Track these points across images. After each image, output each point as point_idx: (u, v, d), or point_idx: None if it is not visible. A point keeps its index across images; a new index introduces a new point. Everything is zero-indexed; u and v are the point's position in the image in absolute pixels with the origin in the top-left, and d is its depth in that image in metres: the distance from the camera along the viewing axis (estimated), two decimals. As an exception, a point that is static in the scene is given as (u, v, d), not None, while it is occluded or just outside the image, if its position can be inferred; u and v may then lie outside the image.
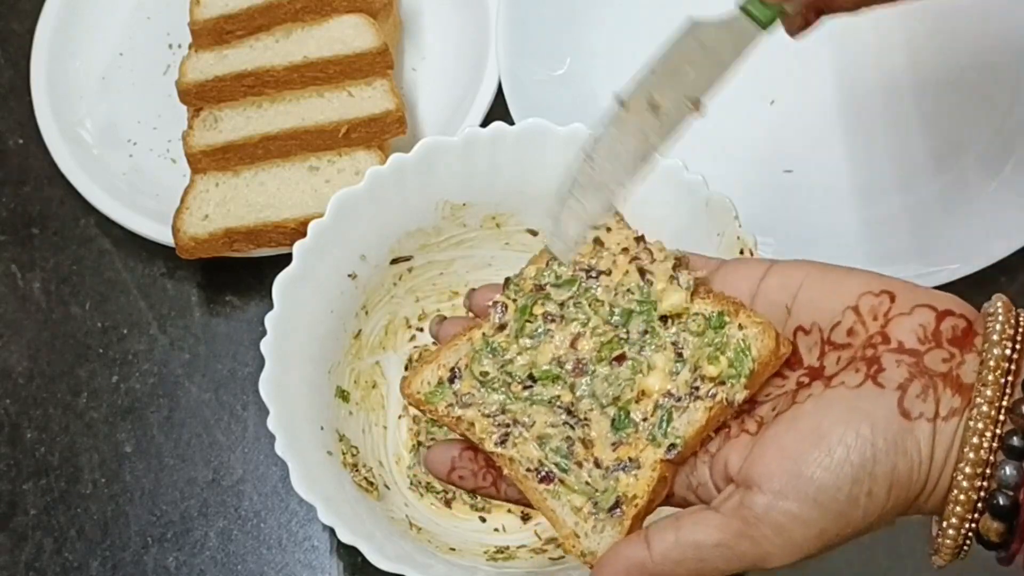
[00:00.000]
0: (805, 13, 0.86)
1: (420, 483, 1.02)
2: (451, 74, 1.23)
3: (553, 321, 0.79)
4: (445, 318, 0.88)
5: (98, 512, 1.07)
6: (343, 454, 0.97)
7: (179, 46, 1.27)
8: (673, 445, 0.73)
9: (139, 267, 1.17)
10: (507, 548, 0.98)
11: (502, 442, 0.77)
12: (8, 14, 1.31)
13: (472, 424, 0.78)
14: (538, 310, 0.79)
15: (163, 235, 1.13)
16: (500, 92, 1.16)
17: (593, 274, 0.79)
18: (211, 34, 1.18)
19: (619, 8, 1.22)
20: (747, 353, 0.73)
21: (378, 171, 0.99)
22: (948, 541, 0.70)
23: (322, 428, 0.97)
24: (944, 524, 0.69)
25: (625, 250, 0.79)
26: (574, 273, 0.80)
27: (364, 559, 0.87)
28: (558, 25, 1.21)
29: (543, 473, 0.76)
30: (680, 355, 0.76)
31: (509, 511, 1.01)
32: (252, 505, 1.07)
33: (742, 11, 0.82)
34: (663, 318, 0.77)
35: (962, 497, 0.68)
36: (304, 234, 0.97)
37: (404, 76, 1.24)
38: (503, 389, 0.79)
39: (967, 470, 0.68)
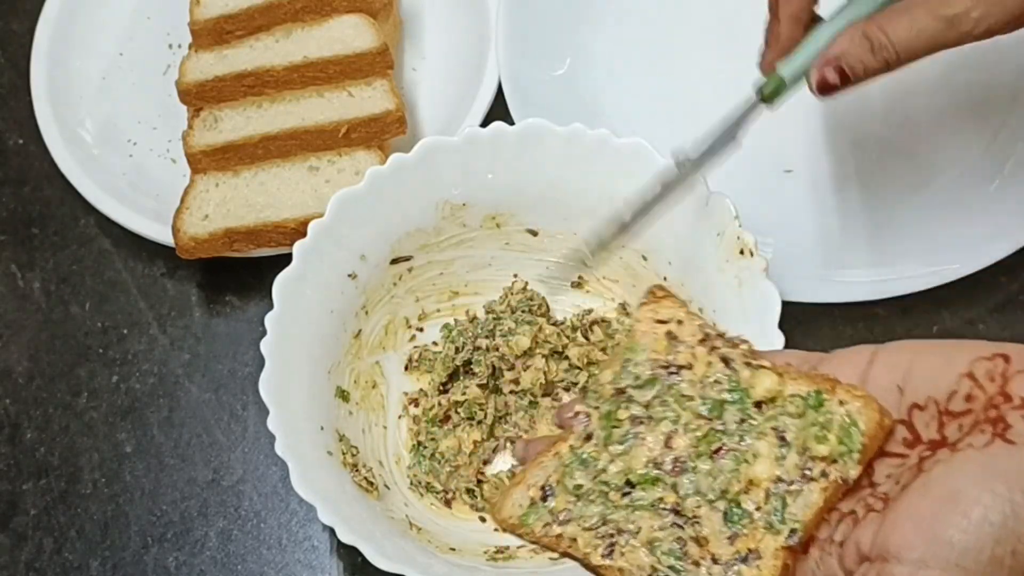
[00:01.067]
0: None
1: (420, 483, 1.02)
2: (451, 74, 1.22)
3: (641, 423, 0.76)
4: (526, 441, 0.86)
5: (98, 512, 1.07)
6: (343, 454, 0.98)
7: (179, 46, 1.27)
8: (794, 531, 0.71)
9: (139, 267, 1.17)
10: (507, 548, 0.98)
11: (609, 554, 0.74)
12: (8, 14, 1.31)
13: (574, 540, 0.75)
14: (623, 414, 0.77)
15: (163, 235, 1.13)
16: (500, 92, 1.16)
17: (673, 369, 0.77)
18: (211, 34, 1.18)
19: (619, 8, 1.22)
20: (855, 427, 0.71)
21: (378, 171, 0.99)
22: None
23: (322, 428, 0.97)
24: None
25: (702, 341, 0.78)
26: (654, 372, 0.77)
27: (364, 559, 0.88)
28: (558, 25, 1.21)
29: None
30: (783, 439, 0.73)
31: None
32: (252, 505, 1.07)
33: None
34: (757, 404, 0.74)
35: None
36: (304, 234, 0.98)
37: (404, 76, 1.24)
38: (601, 500, 0.75)
39: None
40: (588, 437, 0.77)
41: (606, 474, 0.76)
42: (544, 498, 0.77)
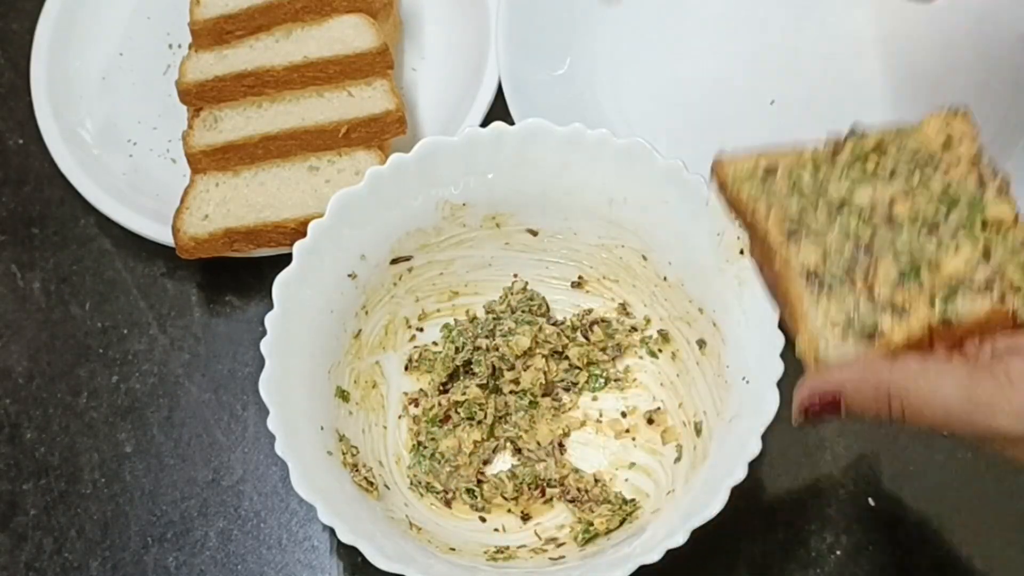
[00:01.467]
0: None
1: (420, 483, 1.02)
2: (451, 74, 1.23)
3: (881, 176, 0.85)
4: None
5: (98, 512, 1.07)
6: (343, 454, 0.98)
7: (179, 46, 1.27)
8: (947, 320, 0.78)
9: (139, 267, 1.17)
10: (507, 548, 0.98)
11: (790, 235, 0.82)
12: (8, 14, 1.31)
13: (769, 209, 0.84)
14: (871, 160, 0.86)
15: (163, 235, 1.13)
16: (500, 92, 1.16)
17: (935, 164, 0.85)
18: (211, 34, 1.18)
19: (619, 8, 1.22)
20: None
21: (378, 171, 0.99)
22: None
23: (322, 428, 0.97)
24: None
25: (971, 159, 0.86)
26: (917, 156, 0.86)
27: (364, 559, 0.88)
28: (558, 25, 1.21)
29: (815, 279, 0.82)
30: (987, 254, 0.82)
31: (509, 511, 1.01)
32: (252, 505, 1.07)
33: None
34: (984, 223, 0.83)
35: None
36: (304, 234, 0.98)
37: (404, 76, 1.24)
38: (810, 202, 0.84)
39: None
40: (836, 153, 0.86)
41: (829, 186, 0.84)
42: (765, 177, 0.86)
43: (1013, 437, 0.71)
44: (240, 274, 1.14)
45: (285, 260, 0.97)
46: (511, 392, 1.05)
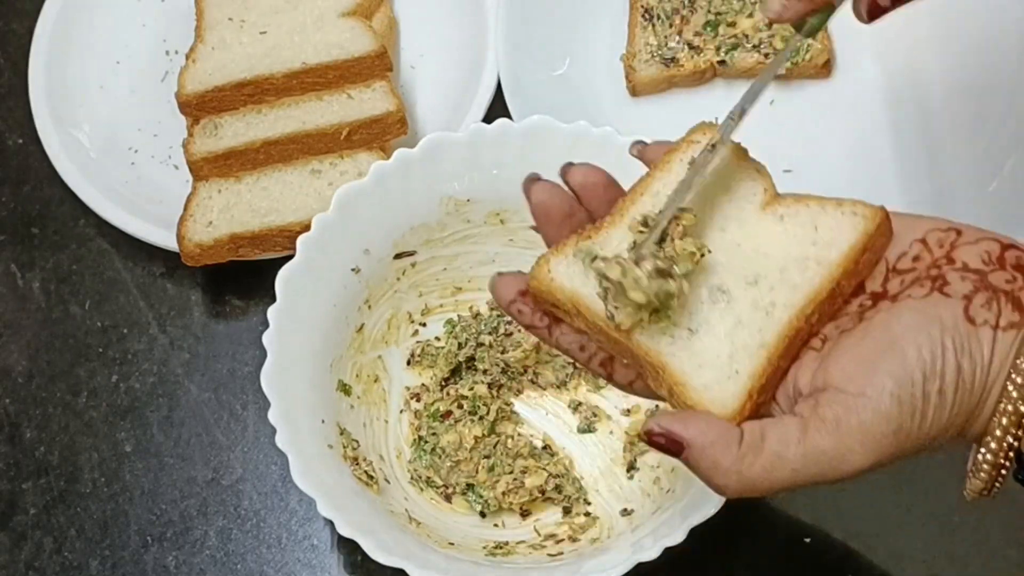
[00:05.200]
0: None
1: (420, 477, 1.03)
2: (450, 71, 1.23)
3: None
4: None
5: (98, 511, 1.07)
6: (344, 448, 0.98)
7: (176, 52, 1.27)
8: (723, 62, 1.14)
9: (139, 267, 1.17)
10: (506, 544, 0.98)
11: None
12: (8, 14, 1.31)
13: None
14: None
15: (166, 240, 1.13)
16: (499, 90, 1.17)
17: None
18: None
19: (619, 8, 1.22)
20: None
21: (383, 166, 1.00)
22: (988, 456, 0.71)
23: (323, 421, 0.97)
24: (988, 438, 0.71)
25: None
26: None
27: (363, 556, 0.88)
28: (558, 25, 1.21)
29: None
30: (770, 24, 1.13)
31: (509, 508, 1.01)
32: (252, 504, 1.06)
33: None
34: None
35: (1009, 408, 0.70)
36: (309, 238, 0.98)
37: (403, 74, 1.24)
38: None
39: (1018, 380, 0.70)
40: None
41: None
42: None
43: (869, 470, 0.72)
44: (240, 274, 1.14)
45: (284, 260, 0.97)
46: (515, 391, 1.06)
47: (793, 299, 0.76)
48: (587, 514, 1.01)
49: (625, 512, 0.99)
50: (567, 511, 1.01)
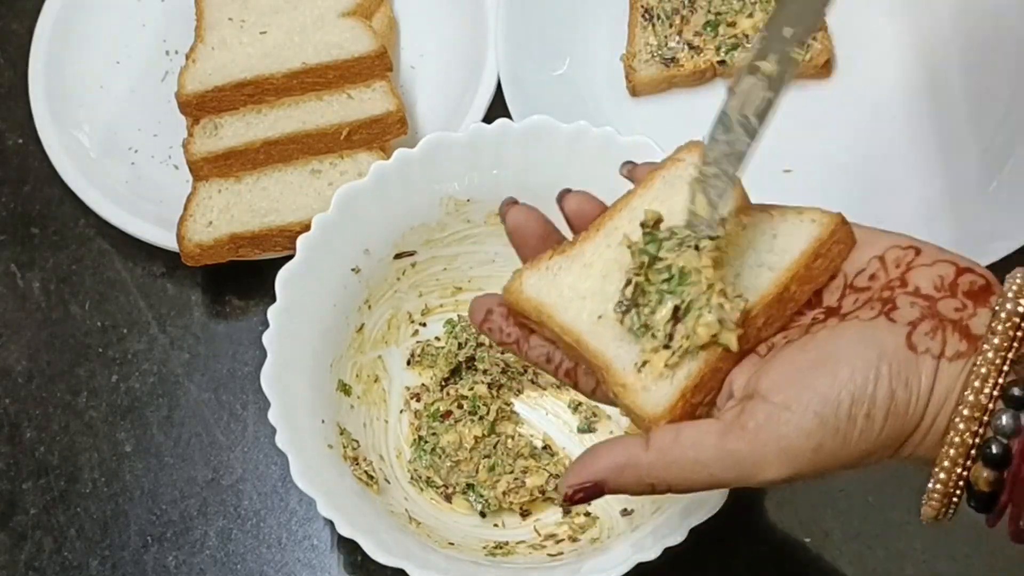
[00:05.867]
0: None
1: (420, 477, 1.03)
2: (450, 72, 1.23)
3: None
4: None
5: (98, 511, 1.07)
6: (344, 447, 0.98)
7: (176, 52, 1.27)
8: (723, 62, 1.12)
9: (139, 267, 1.17)
10: (506, 544, 0.98)
11: None
12: (8, 14, 1.31)
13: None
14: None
15: (165, 240, 1.13)
16: (499, 89, 1.17)
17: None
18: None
19: (619, 8, 1.22)
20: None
21: (383, 166, 1.00)
22: (939, 487, 0.71)
23: (323, 421, 0.97)
24: (936, 468, 0.71)
25: None
26: None
27: (363, 556, 0.88)
28: (558, 25, 1.21)
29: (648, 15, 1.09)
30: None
31: (509, 508, 1.01)
32: (252, 504, 1.06)
33: None
34: None
35: (957, 440, 0.70)
36: (309, 239, 0.98)
37: (403, 74, 1.24)
38: None
39: (965, 412, 0.69)
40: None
41: None
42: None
43: (785, 480, 0.72)
44: (240, 274, 1.14)
45: (284, 260, 0.97)
46: (515, 392, 1.06)
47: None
48: (587, 514, 1.01)
49: (625, 512, 0.99)
50: (567, 511, 1.01)
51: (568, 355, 0.82)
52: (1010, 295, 0.70)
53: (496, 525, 1.01)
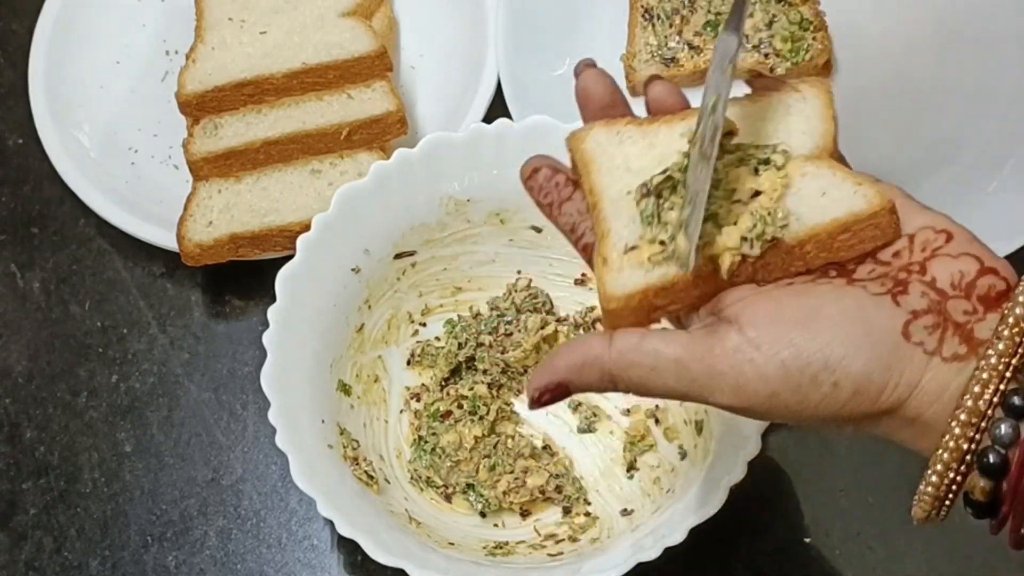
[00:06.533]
0: None
1: (420, 477, 1.03)
2: (450, 72, 1.23)
3: None
4: None
5: (98, 511, 1.07)
6: (344, 447, 0.98)
7: (176, 52, 1.27)
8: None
9: (139, 267, 1.17)
10: (506, 544, 0.99)
11: None
12: (8, 14, 1.31)
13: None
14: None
15: (166, 240, 1.13)
16: (499, 90, 1.17)
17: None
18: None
19: (619, 8, 1.22)
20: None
21: (383, 166, 1.00)
22: (930, 489, 0.70)
23: (323, 421, 0.97)
24: (929, 471, 0.70)
25: None
26: None
27: (363, 557, 0.88)
28: (558, 25, 1.21)
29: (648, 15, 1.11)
30: (771, 24, 1.14)
31: (509, 508, 1.01)
32: (252, 504, 1.07)
33: None
34: None
35: (952, 444, 0.68)
36: (309, 239, 0.98)
37: (403, 74, 1.24)
38: None
39: (962, 417, 0.68)
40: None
41: None
42: None
43: (738, 410, 0.72)
44: (240, 274, 1.14)
45: (284, 260, 0.97)
46: (515, 391, 1.07)
47: None
48: (587, 514, 1.01)
49: (625, 512, 0.99)
50: (567, 511, 1.01)
51: (592, 224, 0.80)
52: (1021, 299, 0.69)
53: (496, 525, 1.01)
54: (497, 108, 1.15)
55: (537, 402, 0.75)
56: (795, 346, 0.69)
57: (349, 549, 1.02)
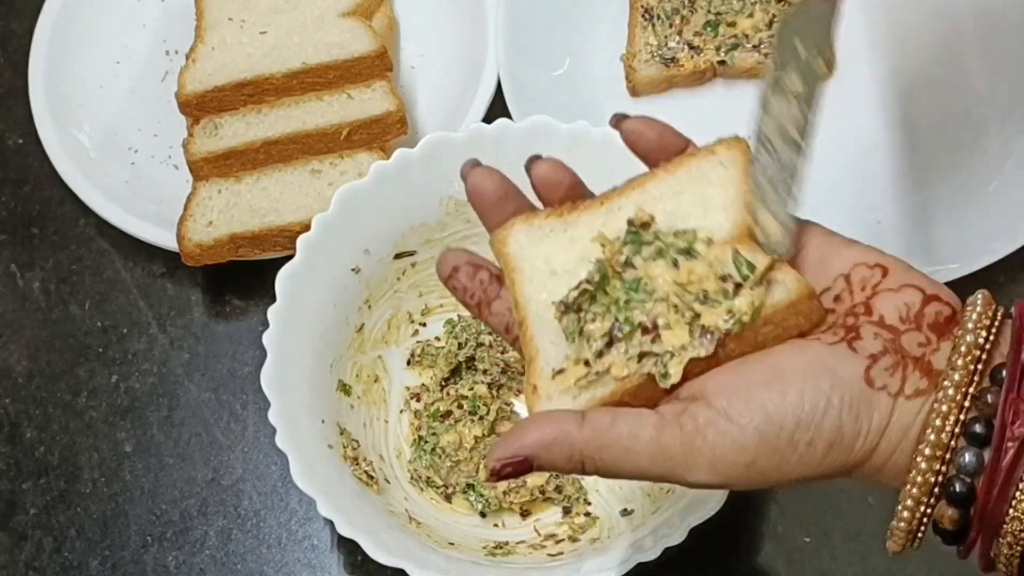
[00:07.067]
0: None
1: (420, 477, 1.03)
2: (450, 72, 1.23)
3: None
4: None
5: (98, 511, 1.07)
6: (344, 447, 0.98)
7: (176, 52, 1.27)
8: (723, 62, 1.17)
9: (139, 267, 1.17)
10: (506, 544, 0.99)
11: None
12: (8, 14, 1.31)
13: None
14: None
15: (166, 240, 1.13)
16: (499, 90, 1.17)
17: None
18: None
19: (619, 8, 1.22)
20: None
21: (383, 166, 1.00)
22: (902, 524, 0.70)
23: (323, 421, 0.97)
24: (900, 507, 0.69)
25: None
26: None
27: (363, 557, 0.88)
28: (558, 25, 1.21)
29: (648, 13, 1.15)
30: (770, 24, 1.17)
31: (510, 507, 1.01)
32: (252, 504, 1.07)
33: None
34: None
35: (919, 479, 0.68)
36: (309, 239, 0.98)
37: (403, 74, 1.24)
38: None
39: (927, 452, 0.68)
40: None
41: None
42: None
43: (716, 487, 0.71)
44: (240, 274, 1.14)
45: (284, 260, 0.97)
46: (515, 392, 1.06)
47: None
48: (587, 514, 1.01)
49: (625, 512, 0.99)
50: (567, 511, 1.01)
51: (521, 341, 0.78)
52: (969, 326, 0.69)
53: (496, 525, 1.01)
54: (497, 108, 1.15)
55: (497, 474, 0.72)
56: (767, 411, 0.68)
57: (349, 549, 1.02)
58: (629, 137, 0.81)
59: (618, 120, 0.82)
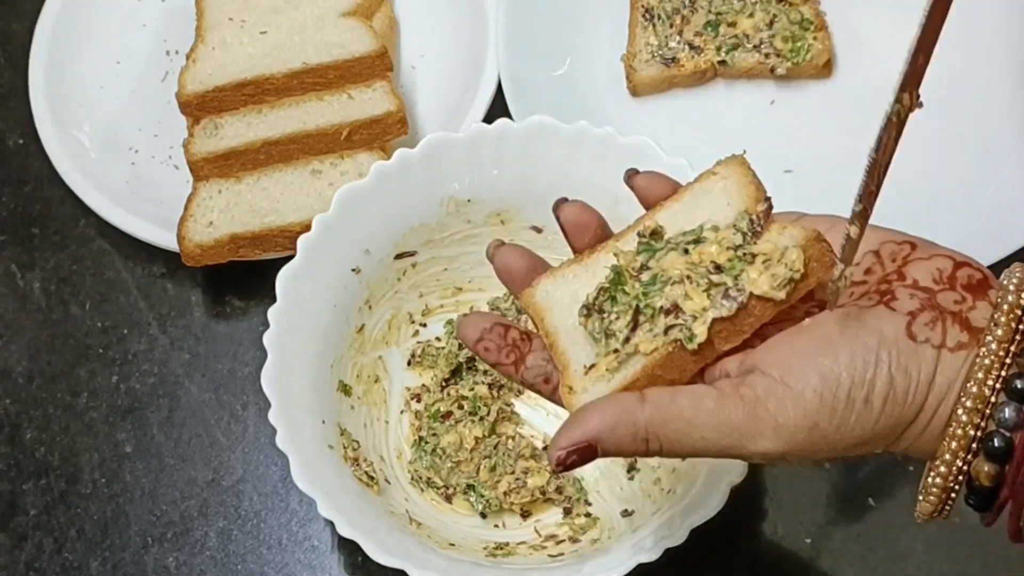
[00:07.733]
0: None
1: (421, 478, 1.03)
2: (450, 72, 1.23)
3: None
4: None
5: (98, 512, 1.07)
6: (344, 448, 0.98)
7: (176, 52, 1.27)
8: (724, 62, 1.16)
9: (139, 267, 1.17)
10: (506, 544, 0.98)
11: None
12: (8, 14, 1.31)
13: None
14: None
15: (166, 240, 1.13)
16: (499, 90, 1.17)
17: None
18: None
19: (619, 8, 1.22)
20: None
21: (383, 166, 1.00)
22: (938, 480, 0.71)
23: (323, 422, 0.97)
24: (937, 462, 0.70)
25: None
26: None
27: (364, 557, 0.88)
28: (558, 25, 1.21)
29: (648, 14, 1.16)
30: (771, 24, 1.16)
31: (510, 508, 1.01)
32: (252, 505, 1.06)
33: None
34: None
35: (959, 432, 0.69)
36: (309, 239, 0.98)
37: (403, 74, 1.24)
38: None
39: (968, 404, 0.69)
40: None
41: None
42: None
43: (777, 456, 0.71)
44: (240, 274, 1.14)
45: (285, 261, 0.97)
46: (516, 393, 1.06)
47: None
48: (588, 515, 1.01)
49: (625, 513, 0.99)
50: (568, 512, 1.01)
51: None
52: (1012, 288, 0.70)
53: (497, 526, 1.01)
54: (497, 108, 1.15)
55: (563, 464, 0.72)
56: (822, 372, 0.69)
57: (349, 550, 1.02)
58: (640, 193, 0.82)
59: (631, 175, 0.83)
